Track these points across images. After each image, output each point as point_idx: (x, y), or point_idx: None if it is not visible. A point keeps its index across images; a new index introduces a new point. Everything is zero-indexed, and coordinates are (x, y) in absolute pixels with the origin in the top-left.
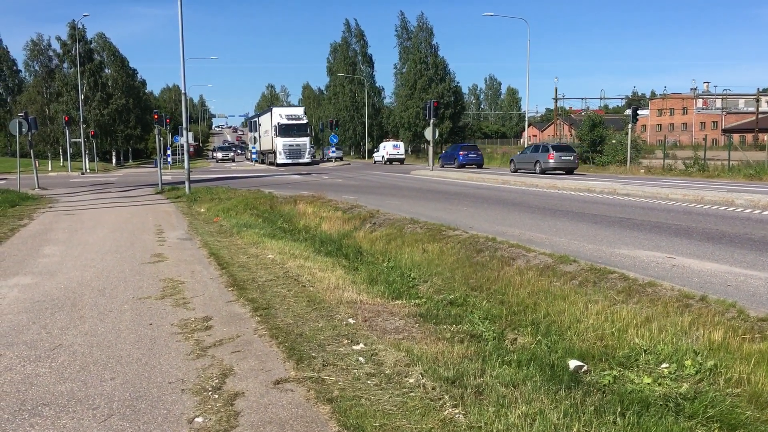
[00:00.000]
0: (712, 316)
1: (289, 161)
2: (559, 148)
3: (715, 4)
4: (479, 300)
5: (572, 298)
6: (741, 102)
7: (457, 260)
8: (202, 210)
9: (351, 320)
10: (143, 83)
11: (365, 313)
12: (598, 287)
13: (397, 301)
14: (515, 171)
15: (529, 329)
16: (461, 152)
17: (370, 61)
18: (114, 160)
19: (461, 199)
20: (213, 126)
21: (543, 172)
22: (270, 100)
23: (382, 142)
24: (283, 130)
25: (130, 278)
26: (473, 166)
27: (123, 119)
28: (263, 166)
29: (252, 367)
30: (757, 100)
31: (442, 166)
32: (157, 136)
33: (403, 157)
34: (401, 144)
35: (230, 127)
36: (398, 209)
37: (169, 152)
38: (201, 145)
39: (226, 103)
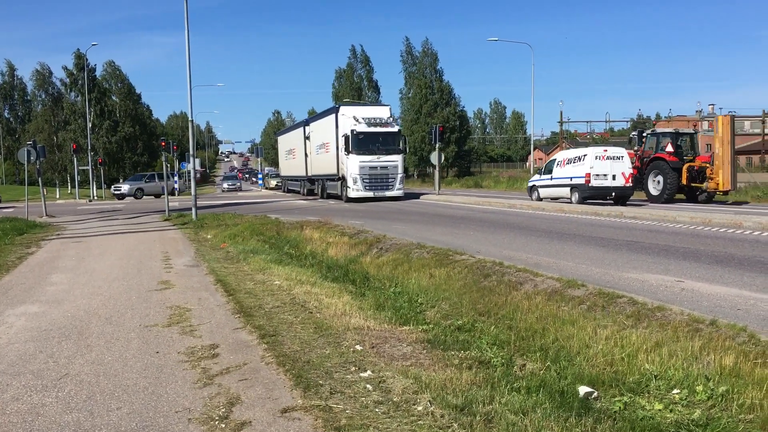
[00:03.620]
0: (723, 341)
1: (369, 194)
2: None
3: (721, 27)
4: (487, 325)
5: (581, 323)
6: (747, 124)
7: (464, 285)
8: (209, 236)
9: (358, 347)
10: (149, 110)
11: (373, 339)
12: (606, 312)
13: (405, 327)
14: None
15: (537, 355)
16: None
17: (375, 87)
18: None
19: (468, 223)
20: (220, 152)
21: None
22: (276, 126)
23: None
24: (360, 142)
25: (137, 306)
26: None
27: (130, 146)
28: (268, 192)
29: (259, 395)
30: (763, 122)
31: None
32: (164, 163)
33: None
34: None
35: (237, 153)
36: (405, 234)
37: (176, 179)
38: (208, 171)
39: (232, 129)
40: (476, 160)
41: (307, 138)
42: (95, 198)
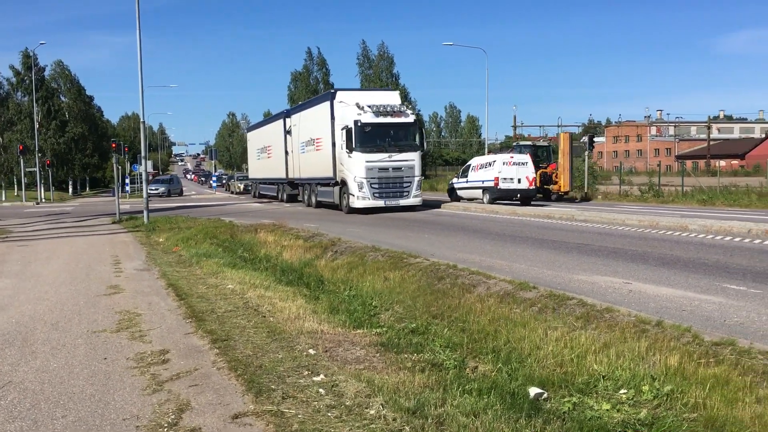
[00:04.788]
0: (668, 341)
1: (380, 203)
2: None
3: (667, 35)
4: (440, 328)
5: (532, 324)
6: (693, 129)
7: (418, 288)
8: (161, 240)
9: (311, 351)
10: (100, 111)
11: (326, 343)
12: (557, 313)
13: (359, 331)
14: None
15: (489, 357)
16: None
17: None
18: (71, 190)
19: (422, 226)
20: (173, 154)
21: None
22: (231, 128)
23: None
24: (367, 137)
25: (85, 311)
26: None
27: (80, 148)
28: (224, 195)
29: (210, 401)
30: (709, 128)
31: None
32: (114, 164)
33: None
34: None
35: (191, 155)
36: (360, 237)
37: (127, 181)
38: (161, 173)
39: (186, 131)
40: (431, 163)
41: (288, 132)
42: (43, 200)
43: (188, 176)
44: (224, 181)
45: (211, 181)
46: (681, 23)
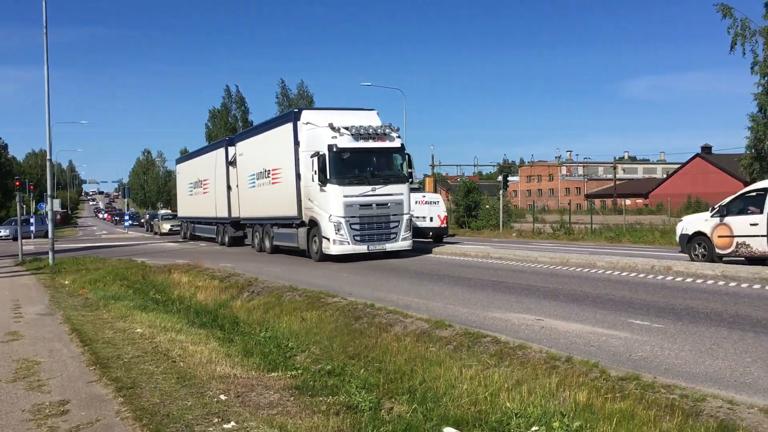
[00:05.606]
0: (577, 377)
1: (362, 248)
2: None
3: (575, 80)
4: (357, 368)
5: (447, 363)
6: (600, 169)
7: (335, 328)
8: (67, 282)
9: (223, 396)
10: (5, 147)
11: (238, 387)
12: (472, 351)
13: (273, 374)
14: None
15: (405, 397)
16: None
17: None
18: None
19: (341, 265)
20: (83, 192)
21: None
22: (146, 166)
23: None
24: (345, 165)
25: None
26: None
27: None
28: (137, 234)
29: None
30: (615, 168)
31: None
32: (18, 203)
33: None
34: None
35: (102, 193)
36: (278, 276)
37: (32, 220)
38: (70, 212)
39: (98, 168)
40: None
41: (231, 163)
42: None
43: (101, 215)
44: (142, 221)
45: (124, 221)
46: (587, 69)
